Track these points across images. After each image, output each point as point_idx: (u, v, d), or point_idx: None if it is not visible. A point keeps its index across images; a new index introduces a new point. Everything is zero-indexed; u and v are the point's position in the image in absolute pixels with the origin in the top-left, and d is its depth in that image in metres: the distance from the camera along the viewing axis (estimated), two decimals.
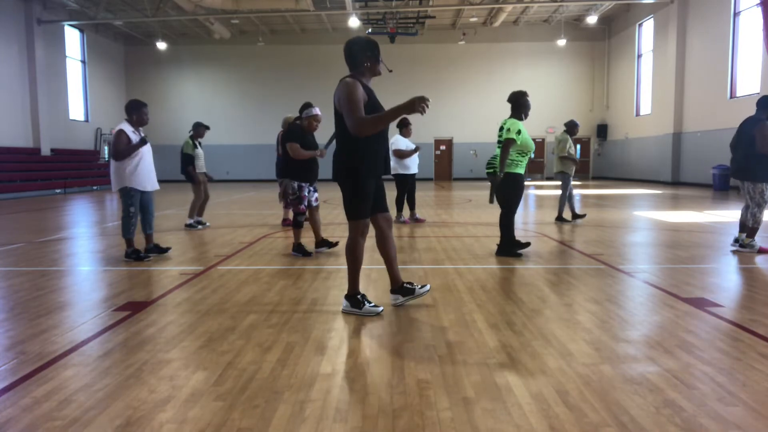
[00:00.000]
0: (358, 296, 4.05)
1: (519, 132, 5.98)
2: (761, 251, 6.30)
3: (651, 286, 4.79)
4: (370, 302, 4.07)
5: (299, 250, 6.44)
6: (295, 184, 6.37)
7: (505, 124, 6.08)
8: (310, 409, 2.46)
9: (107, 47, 27.62)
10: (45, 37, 22.07)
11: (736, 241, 6.48)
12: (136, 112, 6.13)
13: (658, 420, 2.33)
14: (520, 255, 6.20)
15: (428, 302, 4.28)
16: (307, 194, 6.47)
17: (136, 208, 6.16)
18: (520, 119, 6.10)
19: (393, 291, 4.23)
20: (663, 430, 2.24)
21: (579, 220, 9.57)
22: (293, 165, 6.34)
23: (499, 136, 6.14)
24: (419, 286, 4.25)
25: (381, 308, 4.05)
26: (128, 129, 6.04)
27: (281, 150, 7.36)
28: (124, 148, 5.97)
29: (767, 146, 5.99)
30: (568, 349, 3.19)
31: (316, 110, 6.31)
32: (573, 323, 3.71)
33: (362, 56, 3.92)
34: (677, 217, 10.02)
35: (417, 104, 3.58)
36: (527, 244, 6.35)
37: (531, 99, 6.39)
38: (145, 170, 6.15)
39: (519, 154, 6.08)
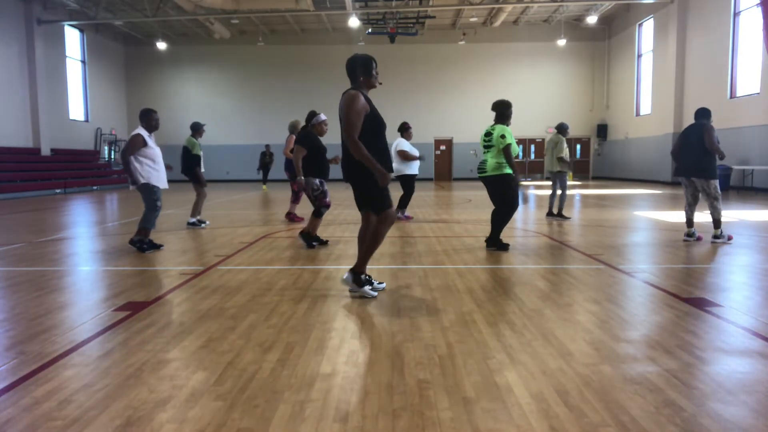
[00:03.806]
0: (363, 276, 4.48)
1: (511, 137, 6.51)
2: (729, 239, 7.09)
3: (651, 286, 4.79)
4: (371, 285, 4.51)
5: (306, 238, 6.93)
6: (317, 181, 6.91)
7: (494, 130, 6.56)
8: (310, 409, 2.46)
9: (107, 47, 27.62)
10: (45, 37, 22.07)
11: (688, 235, 7.28)
12: (145, 118, 6.80)
13: (658, 420, 2.33)
14: (507, 246, 6.64)
15: (428, 302, 4.29)
16: (326, 189, 7.04)
17: (161, 201, 6.85)
18: (506, 125, 6.61)
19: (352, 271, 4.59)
20: (663, 430, 2.24)
21: (551, 218, 10.00)
22: (312, 164, 6.90)
23: (487, 141, 6.66)
24: (377, 282, 4.67)
25: (376, 293, 4.49)
26: (144, 133, 6.71)
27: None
28: (134, 152, 6.58)
29: (714, 145, 6.79)
30: (568, 349, 3.19)
31: (323, 116, 7.01)
32: (573, 323, 3.71)
33: (357, 71, 4.38)
34: (677, 217, 10.01)
35: (383, 181, 4.23)
36: (507, 245, 6.70)
37: (531, 99, 6.95)
38: (160, 170, 6.87)
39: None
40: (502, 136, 6.40)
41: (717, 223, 7.04)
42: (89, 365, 3.02)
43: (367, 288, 4.46)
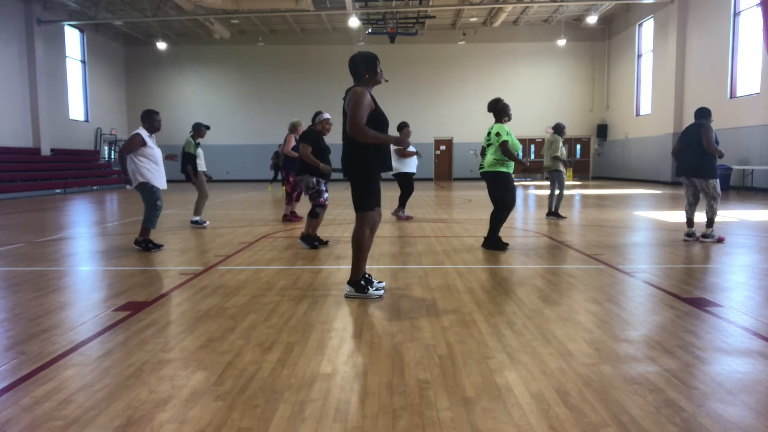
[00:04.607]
0: (362, 282, 4.44)
1: (508, 134, 6.60)
2: (719, 240, 7.10)
3: (651, 286, 4.79)
4: (372, 286, 4.48)
5: (307, 240, 6.95)
6: (314, 179, 6.92)
7: (492, 129, 6.70)
8: (310, 409, 2.46)
9: (107, 47, 27.62)
10: (45, 37, 22.07)
11: (688, 235, 7.29)
12: (147, 119, 6.81)
13: (658, 420, 2.33)
14: (506, 246, 6.72)
15: (428, 302, 4.29)
16: (324, 188, 7.03)
17: (161, 201, 6.88)
18: (504, 123, 6.73)
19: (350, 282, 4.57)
20: (663, 430, 2.24)
21: (550, 218, 10.09)
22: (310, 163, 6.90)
23: (488, 140, 6.78)
24: (377, 282, 4.63)
25: (381, 293, 4.50)
26: (144, 133, 6.74)
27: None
28: (132, 151, 6.60)
29: (712, 145, 6.82)
30: (568, 349, 3.19)
31: (327, 115, 7.07)
32: (573, 323, 3.71)
33: (362, 69, 4.36)
34: (677, 217, 10.01)
35: (404, 142, 4.45)
36: (506, 245, 6.78)
37: (531, 99, 6.96)
38: (160, 171, 6.89)
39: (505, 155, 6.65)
40: (497, 134, 6.57)
41: (710, 222, 7.12)
42: (89, 365, 3.02)
43: (370, 290, 4.43)
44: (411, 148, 9.87)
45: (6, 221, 10.82)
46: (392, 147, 9.58)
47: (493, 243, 6.73)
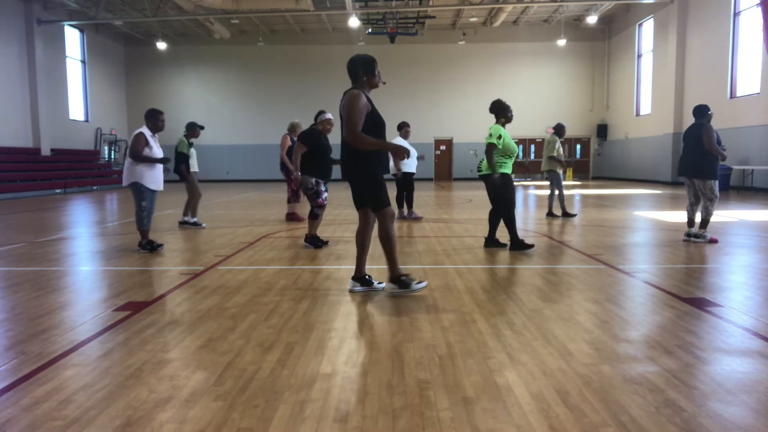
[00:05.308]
0: (402, 277, 4.50)
1: (500, 137, 6.55)
2: (712, 241, 7.07)
3: (651, 286, 4.79)
4: (414, 280, 4.53)
5: (312, 241, 6.97)
6: (313, 180, 6.93)
7: (491, 129, 6.72)
8: (310, 409, 2.46)
9: (107, 47, 27.62)
10: (45, 37, 22.07)
11: (688, 235, 7.28)
12: (151, 119, 6.79)
13: (658, 420, 2.33)
14: (505, 245, 6.76)
15: (428, 302, 4.29)
16: (323, 189, 7.03)
17: (148, 202, 6.72)
18: (502, 125, 6.70)
19: (354, 278, 4.71)
20: (663, 430, 2.24)
21: (551, 218, 10.19)
22: (312, 163, 6.94)
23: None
24: (377, 282, 4.72)
25: (425, 284, 4.56)
26: (147, 133, 6.70)
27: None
28: (141, 150, 6.56)
29: (713, 145, 6.79)
30: (568, 349, 3.19)
31: (329, 115, 7.07)
32: (573, 323, 3.71)
33: (360, 71, 4.41)
34: (677, 217, 10.01)
35: (401, 153, 4.37)
36: (504, 245, 6.81)
37: (531, 99, 6.92)
38: (154, 171, 6.72)
39: (503, 156, 6.61)
40: (490, 135, 6.61)
41: (704, 223, 7.09)
42: (89, 365, 3.02)
43: (414, 284, 4.50)
44: (413, 152, 9.87)
45: (6, 221, 10.82)
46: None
47: (519, 243, 6.60)
